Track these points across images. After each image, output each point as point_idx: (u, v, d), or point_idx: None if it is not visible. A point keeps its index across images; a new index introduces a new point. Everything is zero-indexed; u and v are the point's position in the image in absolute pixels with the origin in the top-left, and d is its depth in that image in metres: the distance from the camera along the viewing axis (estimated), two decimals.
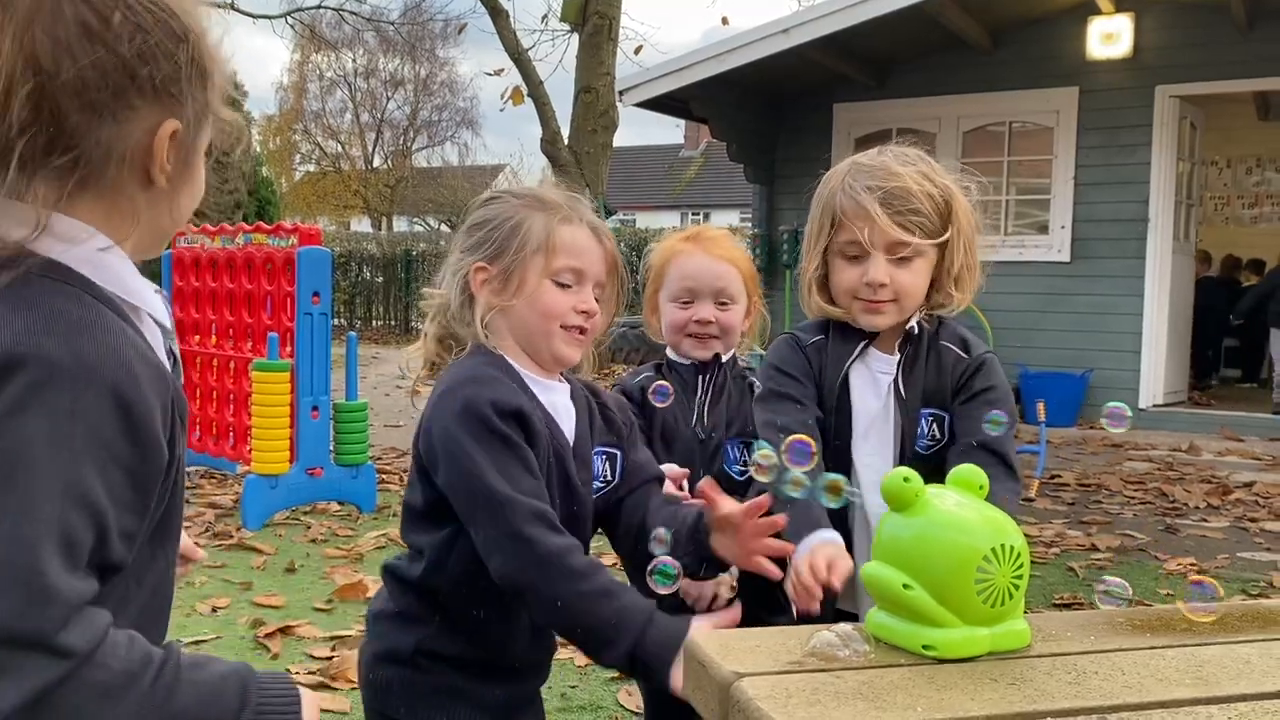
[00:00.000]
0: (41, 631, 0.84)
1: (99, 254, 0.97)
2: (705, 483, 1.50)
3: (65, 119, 0.91)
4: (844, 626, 1.15)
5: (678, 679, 1.28)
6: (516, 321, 1.60)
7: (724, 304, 2.04)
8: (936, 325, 1.82)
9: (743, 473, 1.96)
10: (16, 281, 0.92)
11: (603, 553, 1.86)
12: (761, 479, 1.37)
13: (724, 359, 2.06)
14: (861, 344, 1.81)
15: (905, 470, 1.12)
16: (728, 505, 1.48)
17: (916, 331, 1.80)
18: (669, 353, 2.10)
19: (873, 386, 1.81)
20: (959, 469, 1.18)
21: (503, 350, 1.60)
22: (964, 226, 1.75)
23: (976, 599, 1.08)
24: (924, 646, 1.09)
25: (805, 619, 1.48)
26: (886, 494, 1.13)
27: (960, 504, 1.13)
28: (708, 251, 2.06)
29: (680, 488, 1.83)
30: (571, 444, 1.61)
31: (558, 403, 1.63)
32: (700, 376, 2.05)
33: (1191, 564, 4.48)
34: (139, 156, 0.97)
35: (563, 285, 1.59)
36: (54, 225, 0.94)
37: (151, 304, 1.03)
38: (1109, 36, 8.46)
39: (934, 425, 1.78)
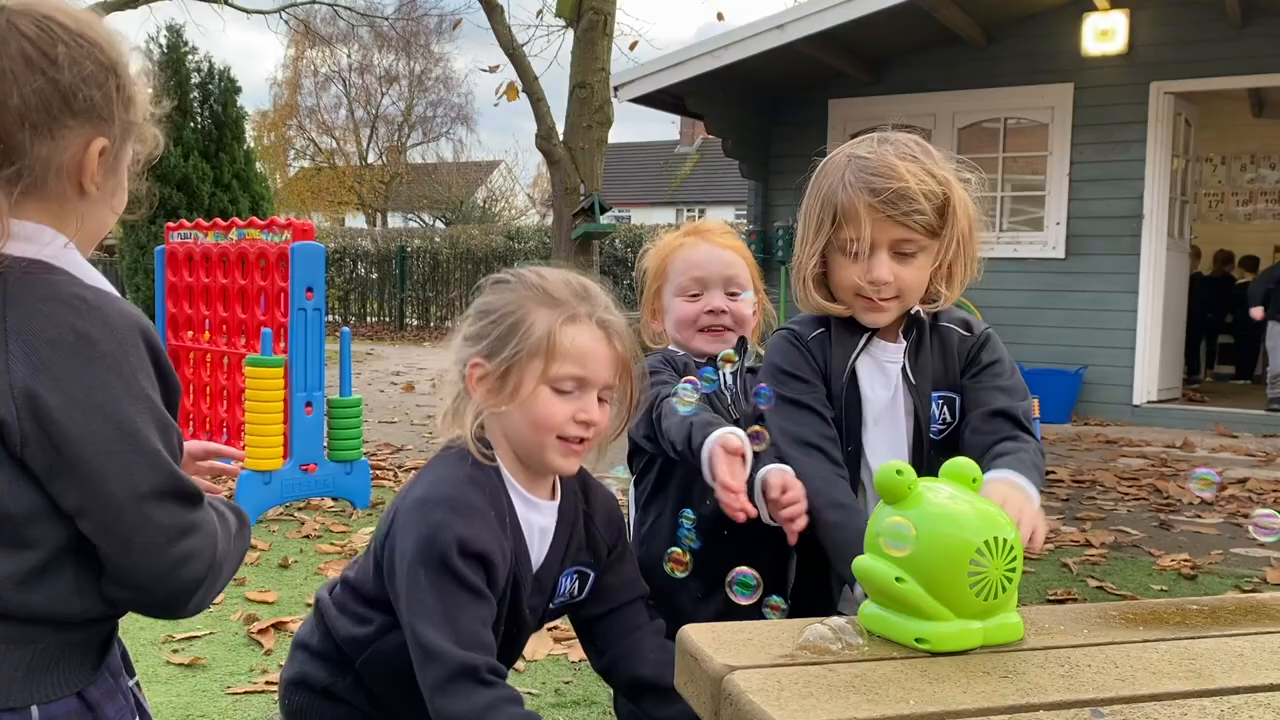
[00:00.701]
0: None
1: (64, 250, 1.13)
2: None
3: (10, 137, 1.09)
4: (837, 620, 1.15)
5: None
6: (510, 427, 1.52)
7: (734, 293, 1.95)
8: (934, 311, 1.82)
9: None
10: (12, 278, 1.08)
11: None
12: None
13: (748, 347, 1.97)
14: (866, 335, 1.79)
15: (898, 463, 1.12)
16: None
17: (920, 317, 1.80)
18: (676, 351, 1.98)
19: (881, 376, 1.80)
20: (952, 462, 1.17)
21: (497, 453, 1.53)
22: (960, 222, 1.73)
23: (969, 592, 1.08)
24: (917, 639, 1.08)
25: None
26: (880, 487, 1.12)
27: (953, 497, 1.13)
28: (712, 241, 1.98)
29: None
30: (535, 569, 1.55)
31: (539, 524, 1.56)
32: (725, 367, 1.94)
33: (1185, 560, 4.49)
34: (73, 169, 1.13)
35: (562, 392, 1.50)
36: (17, 229, 1.10)
37: (111, 290, 1.18)
38: (1104, 33, 8.46)
39: (945, 408, 1.78)
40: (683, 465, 1.77)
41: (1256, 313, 8.93)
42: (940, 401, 1.78)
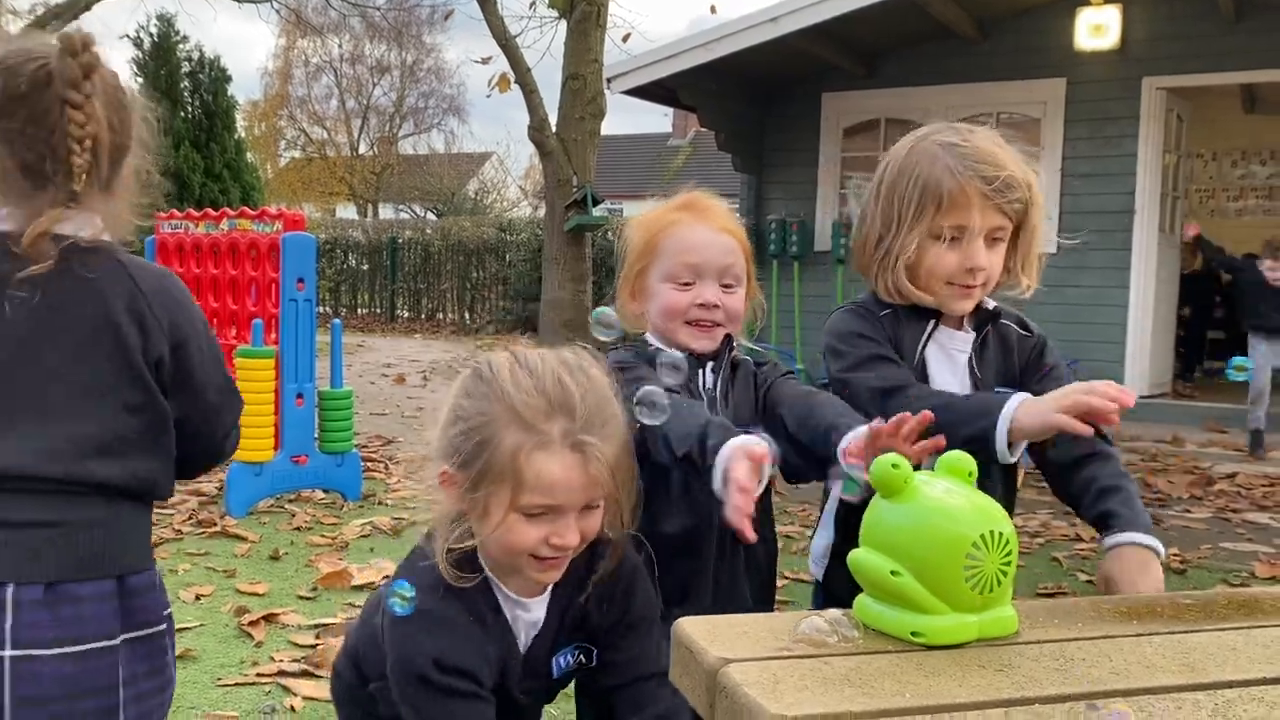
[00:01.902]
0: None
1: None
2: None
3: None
4: (833, 612, 1.15)
5: None
6: (486, 543, 1.45)
7: (729, 286, 1.76)
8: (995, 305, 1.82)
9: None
10: (121, 256, 1.49)
11: None
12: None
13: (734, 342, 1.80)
14: (932, 322, 1.76)
15: (894, 456, 1.12)
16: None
17: (995, 310, 1.79)
18: (653, 339, 1.79)
19: (949, 365, 1.77)
20: (948, 455, 1.17)
21: (481, 559, 1.47)
22: (1039, 210, 1.74)
23: (965, 586, 1.08)
24: (912, 633, 1.08)
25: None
26: (875, 480, 1.12)
27: (949, 491, 1.13)
28: (710, 224, 1.78)
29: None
30: (524, 655, 1.51)
31: (527, 620, 1.51)
32: (705, 365, 1.77)
33: (1174, 554, 4.51)
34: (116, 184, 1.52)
35: (534, 516, 1.39)
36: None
37: None
38: (1097, 28, 8.47)
39: None
40: (674, 470, 1.63)
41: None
42: None
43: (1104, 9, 8.44)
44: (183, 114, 10.69)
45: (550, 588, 1.51)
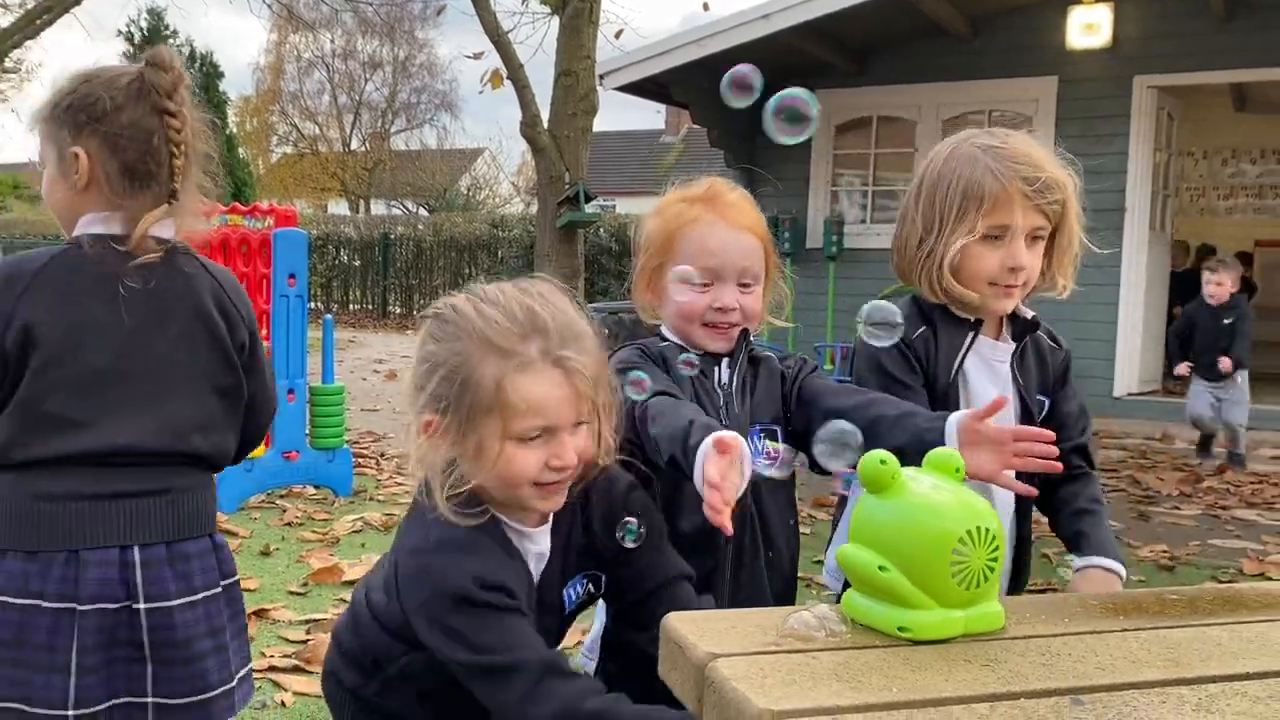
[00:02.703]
0: None
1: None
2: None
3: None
4: (821, 607, 1.16)
5: None
6: (484, 481, 1.42)
7: (747, 286, 1.73)
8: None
9: (769, 464, 1.66)
10: (192, 253, 1.73)
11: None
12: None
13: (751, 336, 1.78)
14: (972, 332, 1.77)
15: (881, 452, 1.12)
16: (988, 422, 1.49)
17: (1035, 320, 1.82)
18: (669, 335, 1.78)
19: (990, 374, 1.79)
20: (935, 452, 1.18)
21: (485, 501, 1.44)
22: (1075, 210, 1.77)
23: (951, 581, 1.09)
24: (899, 628, 1.09)
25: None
26: (863, 476, 1.13)
27: (936, 487, 1.13)
28: (730, 222, 1.74)
29: None
30: (535, 587, 1.49)
31: (535, 550, 1.50)
32: (721, 361, 1.75)
33: (1164, 550, 4.53)
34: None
35: (530, 440, 1.38)
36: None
37: None
38: (1089, 27, 8.49)
39: (1043, 411, 1.81)
40: (669, 477, 1.61)
41: (1225, 364, 6.56)
42: (1040, 404, 1.81)
43: (1095, 7, 8.46)
44: None
45: (551, 520, 1.51)
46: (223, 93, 10.85)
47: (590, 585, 1.57)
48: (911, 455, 1.37)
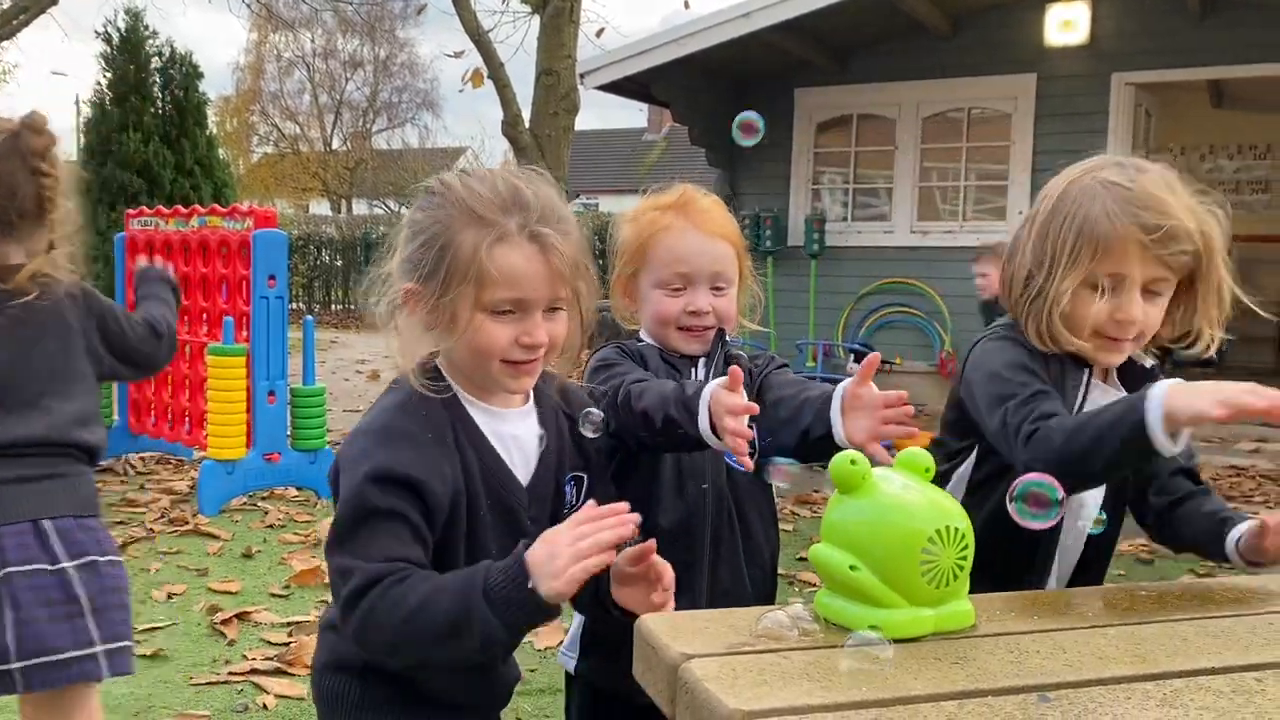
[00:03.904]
0: None
1: None
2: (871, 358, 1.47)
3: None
4: (794, 607, 1.17)
5: (549, 587, 1.22)
6: (453, 353, 1.45)
7: (720, 289, 1.76)
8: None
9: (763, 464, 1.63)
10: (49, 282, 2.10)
11: None
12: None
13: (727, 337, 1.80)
14: (1088, 375, 1.63)
15: (852, 453, 1.13)
16: (870, 386, 1.48)
17: (1153, 371, 1.67)
18: (646, 338, 1.83)
19: None
20: (906, 452, 1.19)
21: (449, 375, 1.46)
22: (1220, 259, 1.59)
23: (921, 580, 1.10)
24: (870, 627, 1.10)
25: None
26: (834, 476, 1.14)
27: (906, 487, 1.15)
28: (701, 228, 1.76)
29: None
30: (527, 484, 1.48)
31: (510, 433, 1.48)
32: (697, 362, 1.79)
33: (1143, 544, 4.56)
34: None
35: (502, 313, 1.40)
36: None
37: None
38: (1067, 24, 8.53)
39: None
40: (660, 447, 1.64)
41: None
42: None
43: (1073, 5, 8.51)
44: (153, 109, 10.53)
45: (534, 407, 1.51)
46: (202, 93, 10.75)
47: (575, 490, 1.55)
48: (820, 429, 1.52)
